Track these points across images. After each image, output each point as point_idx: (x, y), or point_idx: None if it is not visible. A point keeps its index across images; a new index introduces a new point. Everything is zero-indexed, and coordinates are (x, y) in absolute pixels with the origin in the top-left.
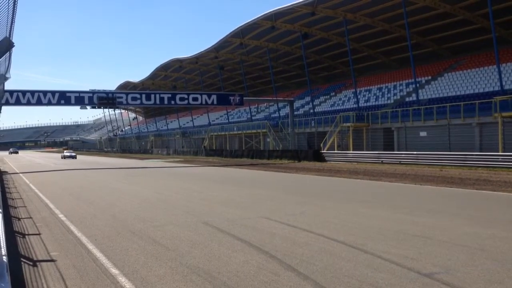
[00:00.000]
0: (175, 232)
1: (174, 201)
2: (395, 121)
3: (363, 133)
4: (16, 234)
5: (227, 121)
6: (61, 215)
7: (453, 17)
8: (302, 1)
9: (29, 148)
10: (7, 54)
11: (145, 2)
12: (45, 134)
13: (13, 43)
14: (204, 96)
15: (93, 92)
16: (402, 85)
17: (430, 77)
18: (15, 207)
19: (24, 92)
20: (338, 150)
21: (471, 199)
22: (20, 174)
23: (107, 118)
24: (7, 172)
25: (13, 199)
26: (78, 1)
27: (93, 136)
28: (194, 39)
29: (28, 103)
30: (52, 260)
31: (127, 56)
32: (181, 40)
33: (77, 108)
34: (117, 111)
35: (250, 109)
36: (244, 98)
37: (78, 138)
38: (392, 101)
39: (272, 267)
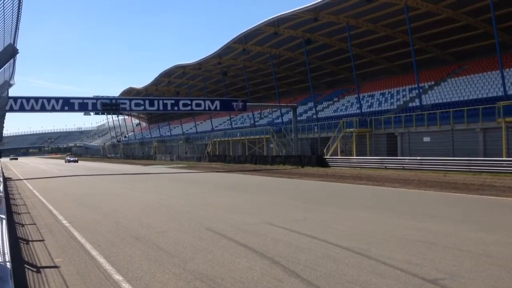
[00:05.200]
0: (179, 238)
1: (177, 207)
2: (399, 126)
3: (366, 139)
4: (20, 240)
5: (230, 126)
6: (64, 221)
7: (456, 23)
8: (304, 7)
9: (33, 154)
10: (11, 60)
11: (148, 8)
12: (49, 140)
13: (17, 50)
14: (207, 102)
15: (96, 98)
16: (405, 91)
17: (433, 83)
18: (19, 213)
19: (28, 99)
20: (341, 156)
21: (475, 205)
22: (24, 181)
23: (111, 124)
24: (11, 178)
25: (17, 205)
26: (82, 7)
27: (96, 142)
28: (197, 45)
29: (32, 110)
30: (55, 267)
31: (130, 63)
32: (184, 46)
33: (80, 114)
34: (121, 117)
35: (253, 114)
36: (247, 103)
37: (82, 144)
38: (395, 107)
39: (275, 273)
